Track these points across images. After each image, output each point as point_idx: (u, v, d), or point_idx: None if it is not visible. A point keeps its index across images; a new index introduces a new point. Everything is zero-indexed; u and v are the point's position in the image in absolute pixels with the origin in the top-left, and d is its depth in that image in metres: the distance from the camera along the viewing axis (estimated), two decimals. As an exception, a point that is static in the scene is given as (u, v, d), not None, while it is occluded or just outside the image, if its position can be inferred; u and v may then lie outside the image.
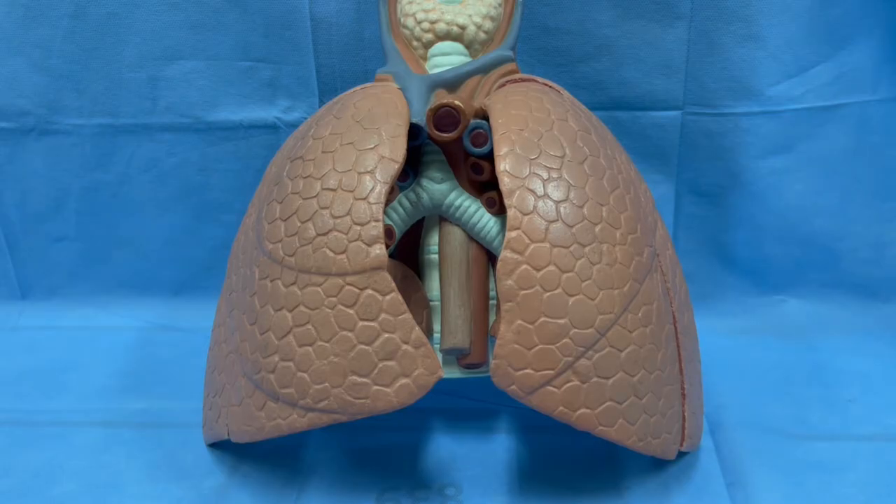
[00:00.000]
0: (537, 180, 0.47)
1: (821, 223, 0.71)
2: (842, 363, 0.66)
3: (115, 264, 0.76)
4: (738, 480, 0.54)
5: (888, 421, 0.59)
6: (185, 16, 0.67)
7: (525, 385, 0.46)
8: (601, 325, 0.46)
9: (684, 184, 0.71)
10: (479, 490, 0.53)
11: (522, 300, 0.45)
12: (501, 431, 0.58)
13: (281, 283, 0.48)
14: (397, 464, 0.56)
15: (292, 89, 0.69)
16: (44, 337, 0.72)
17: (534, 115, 0.50)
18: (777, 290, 0.73)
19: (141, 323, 0.74)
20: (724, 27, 0.64)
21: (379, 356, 0.45)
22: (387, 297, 0.45)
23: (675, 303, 0.53)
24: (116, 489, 0.54)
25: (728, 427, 0.59)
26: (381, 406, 0.45)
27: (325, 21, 0.67)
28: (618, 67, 0.67)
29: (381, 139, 0.48)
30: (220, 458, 0.56)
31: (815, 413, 0.60)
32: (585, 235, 0.47)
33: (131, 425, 0.60)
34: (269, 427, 0.48)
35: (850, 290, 0.73)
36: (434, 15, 0.54)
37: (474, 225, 0.51)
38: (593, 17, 0.65)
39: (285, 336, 0.47)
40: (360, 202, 0.46)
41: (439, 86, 0.52)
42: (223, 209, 0.73)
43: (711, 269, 0.73)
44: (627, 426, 0.47)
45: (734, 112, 0.67)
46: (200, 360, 0.59)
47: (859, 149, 0.69)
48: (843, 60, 0.66)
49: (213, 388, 0.55)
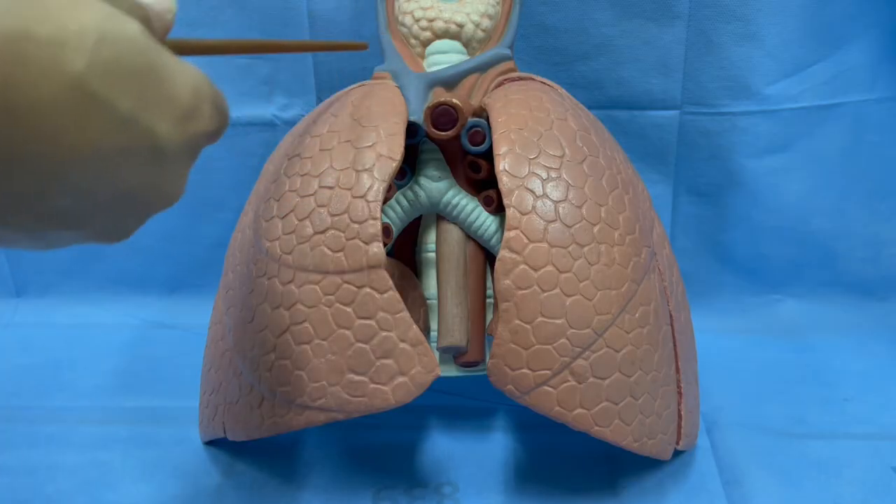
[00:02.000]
0: (536, 180, 0.47)
1: (818, 222, 0.71)
2: (839, 362, 0.66)
3: (110, 262, 0.75)
4: (734, 479, 0.54)
5: (885, 420, 0.59)
6: (183, 13, 0.66)
7: (521, 385, 0.46)
8: (598, 325, 0.46)
9: (682, 183, 0.71)
10: (475, 488, 0.53)
11: (520, 300, 0.45)
12: (498, 430, 0.58)
13: (278, 280, 0.48)
14: (394, 462, 0.56)
15: (290, 87, 0.69)
16: (39, 334, 0.72)
17: (534, 114, 0.49)
18: (774, 289, 0.73)
19: (137, 321, 0.73)
20: (723, 26, 0.64)
21: (376, 354, 0.45)
22: (384, 295, 0.45)
23: (672, 302, 0.53)
24: (112, 487, 0.54)
25: (724, 426, 0.59)
26: (379, 404, 0.45)
27: (322, 18, 0.66)
28: (615, 66, 0.67)
29: (378, 137, 0.48)
30: (216, 457, 0.56)
31: (812, 412, 0.60)
32: (584, 236, 0.47)
33: (127, 423, 0.60)
34: (266, 425, 0.48)
35: (848, 290, 0.73)
36: (432, 13, 0.54)
37: (472, 223, 0.51)
38: (591, 16, 0.65)
39: (282, 334, 0.47)
40: (357, 200, 0.46)
41: (437, 84, 0.52)
42: (220, 207, 0.73)
43: (708, 269, 0.73)
44: (623, 427, 0.47)
45: (732, 111, 0.67)
46: (197, 358, 0.59)
47: (857, 148, 0.69)
48: (841, 59, 0.67)
49: (209, 386, 0.55)
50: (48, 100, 0.25)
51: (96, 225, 0.29)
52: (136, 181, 0.28)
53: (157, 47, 0.28)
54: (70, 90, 0.25)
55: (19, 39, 0.24)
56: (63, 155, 0.25)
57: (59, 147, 0.25)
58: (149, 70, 0.27)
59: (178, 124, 0.28)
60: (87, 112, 0.25)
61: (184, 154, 0.29)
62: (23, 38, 0.24)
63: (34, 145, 0.25)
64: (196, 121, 0.29)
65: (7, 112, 0.24)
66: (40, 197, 0.26)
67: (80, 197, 0.27)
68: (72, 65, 0.25)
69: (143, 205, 0.29)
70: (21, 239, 0.28)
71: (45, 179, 0.26)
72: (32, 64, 0.24)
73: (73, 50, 0.25)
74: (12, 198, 0.26)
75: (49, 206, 0.27)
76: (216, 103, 0.31)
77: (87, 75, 0.25)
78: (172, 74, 0.28)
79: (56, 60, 0.25)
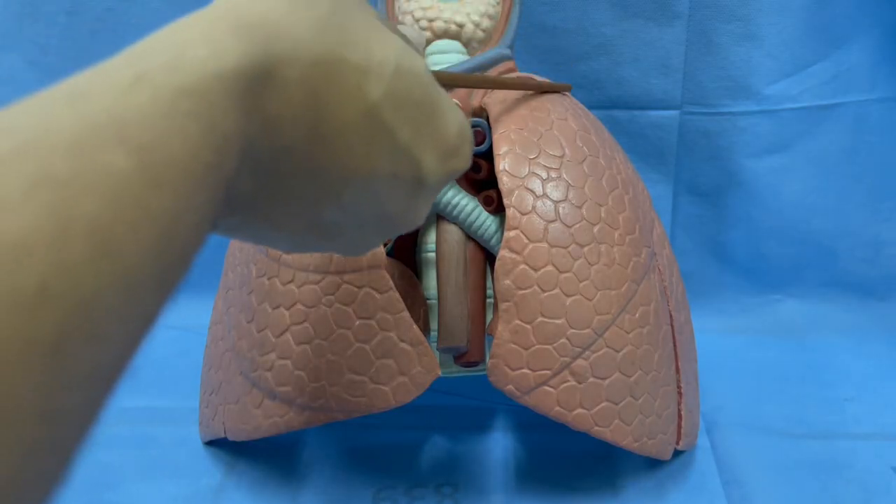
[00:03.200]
0: (536, 180, 0.47)
1: (818, 222, 0.71)
2: (839, 362, 0.66)
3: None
4: (734, 479, 0.54)
5: (885, 420, 0.59)
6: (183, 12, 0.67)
7: (522, 385, 0.46)
8: (598, 325, 0.46)
9: (682, 183, 0.71)
10: (475, 488, 0.53)
11: (520, 300, 0.45)
12: (498, 430, 0.58)
13: (278, 280, 0.48)
14: (394, 462, 0.56)
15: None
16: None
17: (534, 114, 0.49)
18: (774, 289, 0.73)
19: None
20: (722, 26, 0.64)
21: (376, 354, 0.45)
22: (384, 295, 0.45)
23: (671, 302, 0.53)
24: (112, 487, 0.54)
25: (724, 426, 0.59)
26: (379, 404, 0.45)
27: (322, 18, 0.66)
28: (615, 66, 0.67)
29: (378, 137, 0.48)
30: (216, 457, 0.56)
31: (812, 412, 0.60)
32: (584, 236, 0.47)
33: (127, 423, 0.60)
34: (266, 425, 0.48)
35: (848, 290, 0.73)
36: (432, 13, 0.54)
37: (472, 223, 0.51)
38: (591, 16, 0.65)
39: (283, 334, 0.47)
40: (357, 200, 0.46)
41: (437, 84, 0.52)
42: (220, 206, 0.72)
43: (708, 269, 0.73)
44: (623, 427, 0.47)
45: (732, 111, 0.67)
46: (197, 358, 0.59)
47: (857, 148, 0.69)
48: (841, 59, 0.67)
49: (209, 386, 0.55)
50: (348, 121, 0.26)
51: (344, 239, 0.30)
52: (394, 206, 0.30)
53: (435, 84, 0.29)
54: (365, 115, 0.27)
55: (335, 63, 0.26)
56: (346, 173, 0.27)
57: (345, 166, 0.27)
58: (428, 105, 0.29)
59: (441, 159, 0.30)
60: (374, 137, 0.27)
61: (438, 187, 0.31)
62: (339, 61, 0.26)
63: (326, 161, 0.26)
64: (456, 158, 0.31)
65: (313, 128, 0.26)
66: (315, 208, 0.28)
67: (345, 212, 0.28)
68: (372, 92, 0.26)
69: (391, 227, 0.31)
70: (283, 240, 0.29)
71: (323, 192, 0.27)
72: (342, 86, 0.26)
73: (375, 78, 0.27)
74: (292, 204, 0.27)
75: (319, 216, 0.28)
76: (472, 144, 0.32)
77: (382, 103, 0.27)
78: (446, 112, 0.30)
79: (360, 86, 0.26)
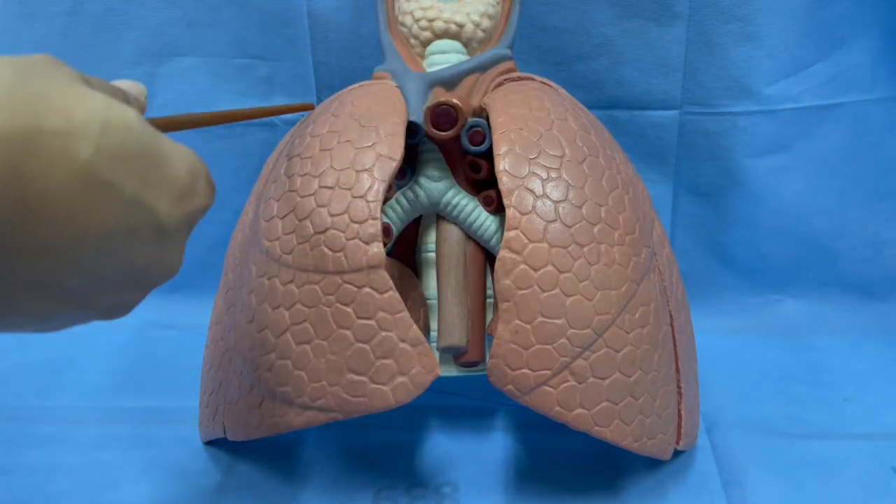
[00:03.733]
0: (536, 180, 0.47)
1: (818, 222, 0.71)
2: (839, 362, 0.66)
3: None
4: (734, 479, 0.54)
5: (885, 420, 0.59)
6: (183, 12, 0.67)
7: (521, 385, 0.46)
8: (598, 325, 0.46)
9: (682, 183, 0.71)
10: (475, 489, 0.53)
11: (520, 300, 0.45)
12: (498, 430, 0.58)
13: (278, 280, 0.48)
14: (394, 462, 0.56)
15: (289, 86, 0.69)
16: (39, 334, 0.72)
17: (534, 114, 0.49)
18: (774, 289, 0.73)
19: (136, 320, 0.73)
20: (722, 26, 0.64)
21: (376, 354, 0.45)
22: (384, 295, 0.45)
23: (671, 302, 0.53)
24: (112, 487, 0.54)
25: (724, 426, 0.59)
26: (379, 404, 0.45)
27: (322, 18, 0.66)
28: (615, 66, 0.67)
29: (378, 137, 0.48)
30: (216, 457, 0.56)
31: (812, 412, 0.60)
32: (584, 236, 0.47)
33: (127, 423, 0.60)
34: (266, 425, 0.48)
35: (848, 290, 0.73)
36: (432, 13, 0.54)
37: (472, 223, 0.51)
38: (591, 16, 0.65)
39: (282, 334, 0.47)
40: (357, 200, 0.46)
41: (437, 84, 0.52)
42: (220, 207, 0.71)
43: (708, 269, 0.73)
44: (623, 427, 0.47)
45: (732, 111, 0.67)
46: (197, 358, 0.59)
47: (857, 148, 0.69)
48: (841, 59, 0.67)
49: (209, 386, 0.55)
50: (60, 187, 0.26)
51: (102, 303, 0.30)
52: (141, 258, 0.30)
53: (152, 131, 0.29)
54: (79, 177, 0.26)
55: (30, 134, 0.25)
56: (75, 238, 0.27)
57: (71, 231, 0.27)
58: (148, 153, 0.29)
59: (176, 202, 0.30)
60: (96, 196, 0.27)
61: (183, 229, 0.31)
62: (34, 132, 0.25)
63: (48, 231, 0.26)
64: (193, 198, 0.31)
65: (21, 203, 0.25)
66: (54, 279, 0.27)
67: (90, 276, 0.28)
68: (80, 153, 0.26)
69: (146, 280, 0.31)
70: (27, 322, 0.29)
71: (58, 263, 0.27)
72: (43, 155, 0.25)
73: (80, 139, 0.26)
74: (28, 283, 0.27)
75: (61, 287, 0.28)
76: (208, 180, 0.33)
77: (95, 162, 0.27)
78: (169, 155, 0.30)
79: (65, 150, 0.26)
